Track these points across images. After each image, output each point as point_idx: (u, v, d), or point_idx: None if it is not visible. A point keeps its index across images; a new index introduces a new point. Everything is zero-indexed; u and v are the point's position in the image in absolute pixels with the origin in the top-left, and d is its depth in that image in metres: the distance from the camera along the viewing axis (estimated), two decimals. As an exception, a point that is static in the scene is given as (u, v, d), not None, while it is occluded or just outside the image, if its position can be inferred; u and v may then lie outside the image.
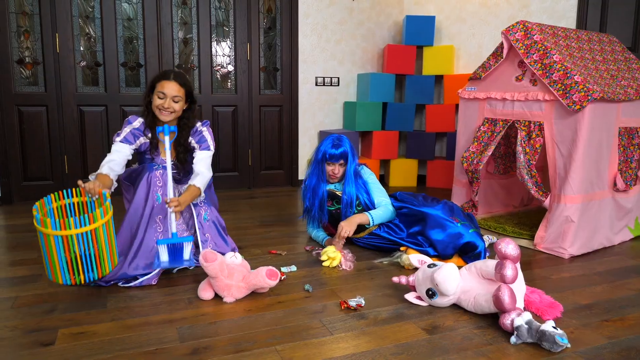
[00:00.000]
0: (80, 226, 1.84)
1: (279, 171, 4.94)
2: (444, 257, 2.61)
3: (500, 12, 4.66)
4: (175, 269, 2.53)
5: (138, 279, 2.31)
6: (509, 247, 2.00)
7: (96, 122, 4.17)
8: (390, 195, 3.01)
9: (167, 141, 2.18)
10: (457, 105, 4.83)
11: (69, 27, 3.97)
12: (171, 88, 2.45)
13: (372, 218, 2.81)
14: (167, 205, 2.24)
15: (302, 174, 4.97)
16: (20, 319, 1.96)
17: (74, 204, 2.12)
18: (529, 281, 2.40)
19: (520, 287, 2.06)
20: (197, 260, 2.55)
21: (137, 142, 2.51)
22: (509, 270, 1.93)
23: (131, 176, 2.54)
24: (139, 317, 2.01)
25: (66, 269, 1.84)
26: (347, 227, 2.75)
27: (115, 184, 2.40)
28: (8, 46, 3.82)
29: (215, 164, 4.63)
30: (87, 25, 4.05)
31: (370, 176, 3.00)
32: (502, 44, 3.05)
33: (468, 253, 2.59)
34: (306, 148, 4.95)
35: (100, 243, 1.90)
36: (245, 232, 3.33)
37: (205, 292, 2.20)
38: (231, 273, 2.20)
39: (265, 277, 2.17)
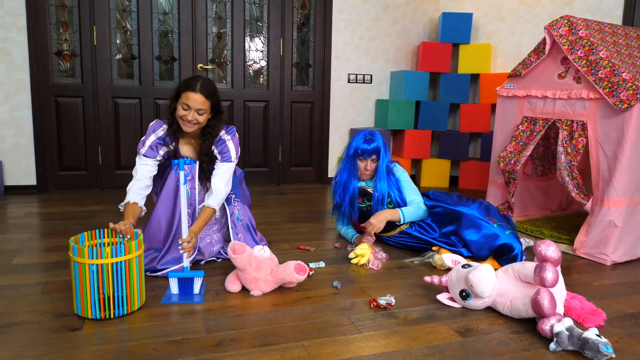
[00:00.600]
0: (116, 256, 1.82)
1: (309, 168, 4.90)
2: (478, 258, 2.52)
3: (541, 10, 4.51)
4: (203, 261, 2.51)
5: (166, 269, 2.31)
6: (550, 249, 1.91)
7: (130, 114, 4.21)
8: (423, 194, 2.93)
9: (181, 176, 2.10)
10: (493, 105, 4.70)
11: (107, 20, 4.02)
12: (196, 100, 2.30)
13: (403, 215, 2.74)
14: (180, 249, 2.17)
15: (332, 172, 4.92)
16: (50, 304, 1.97)
17: (104, 244, 2.08)
18: (568, 287, 2.28)
19: (560, 291, 1.96)
20: (226, 254, 2.54)
21: (160, 152, 2.42)
22: (549, 273, 1.84)
23: (159, 169, 2.52)
24: (165, 306, 1.99)
25: (97, 303, 1.83)
26: (376, 224, 2.68)
27: (144, 209, 2.35)
28: (47, 38, 3.89)
29: (246, 159, 4.63)
30: (124, 18, 4.09)
31: (402, 174, 2.93)
32: (544, 39, 2.94)
33: (504, 255, 2.49)
34: (337, 145, 4.90)
35: (132, 276, 1.89)
36: (274, 227, 3.29)
37: (232, 285, 2.17)
38: (259, 266, 2.17)
39: (293, 272, 2.13)
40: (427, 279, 2.17)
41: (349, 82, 4.86)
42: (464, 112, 4.79)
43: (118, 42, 4.11)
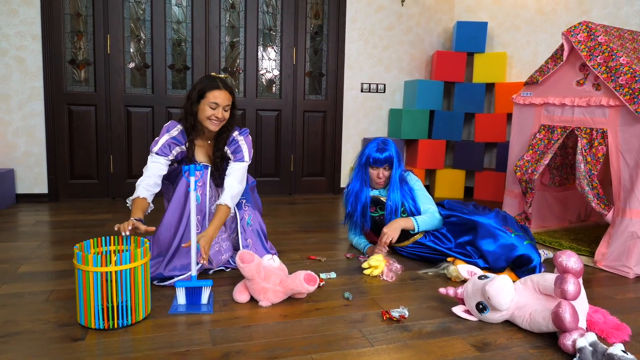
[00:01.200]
0: (121, 264, 1.78)
1: (321, 178, 4.85)
2: (495, 269, 2.44)
3: (557, 20, 4.44)
4: (212, 270, 2.46)
5: (173, 278, 2.26)
6: (571, 260, 1.82)
7: (142, 123, 4.20)
8: (437, 204, 2.86)
9: (192, 182, 2.06)
10: (509, 115, 4.62)
11: (120, 29, 4.03)
12: (223, 97, 2.35)
13: (417, 224, 2.67)
14: (202, 261, 2.16)
15: (344, 182, 4.86)
16: (54, 313, 1.93)
17: (111, 252, 2.04)
18: (590, 301, 2.19)
19: (582, 305, 1.87)
20: (234, 263, 2.49)
21: (173, 152, 2.41)
22: (570, 285, 1.75)
23: (170, 175, 2.49)
24: (172, 316, 1.94)
25: (101, 313, 1.78)
26: (390, 233, 2.62)
27: (152, 206, 2.34)
28: (62, 46, 3.91)
29: (257, 168, 4.59)
30: (138, 27, 4.10)
31: (416, 183, 2.86)
32: (562, 45, 2.87)
33: (522, 267, 2.40)
34: (349, 155, 4.85)
35: (138, 285, 1.84)
36: (285, 236, 3.24)
37: (240, 295, 2.11)
38: (268, 276, 2.11)
39: (303, 282, 2.07)
40: (442, 290, 2.10)
41: (362, 91, 4.82)
42: (479, 121, 4.71)
43: (132, 50, 4.12)
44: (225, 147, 2.49)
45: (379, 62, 4.83)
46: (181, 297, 2.04)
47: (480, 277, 2.02)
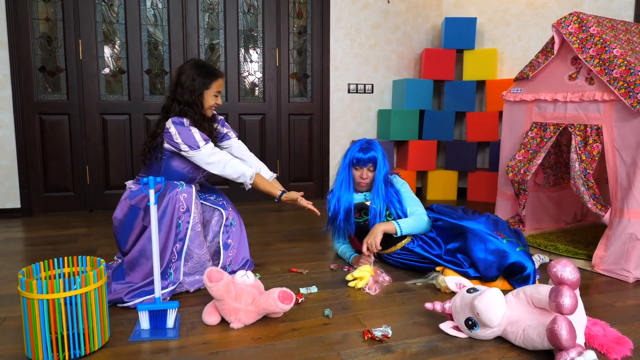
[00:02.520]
0: (70, 289, 1.61)
1: (309, 183, 4.69)
2: (486, 279, 2.28)
3: (548, 13, 4.30)
4: (193, 289, 2.28)
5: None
6: (566, 270, 1.67)
7: (119, 131, 4.03)
8: (426, 208, 2.70)
9: (152, 195, 1.90)
10: (500, 113, 4.47)
11: (93, 33, 3.87)
12: (221, 84, 2.43)
13: (399, 227, 2.50)
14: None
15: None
16: (2, 344, 1.76)
17: (64, 274, 1.87)
18: (588, 310, 2.04)
19: (580, 318, 1.71)
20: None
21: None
22: (566, 299, 1.59)
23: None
24: (133, 344, 1.77)
25: (49, 346, 1.60)
26: (371, 241, 2.46)
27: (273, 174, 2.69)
28: (31, 53, 3.74)
29: (242, 175, 4.42)
30: (111, 31, 3.94)
31: (403, 185, 2.70)
32: (552, 38, 2.71)
33: (515, 275, 2.24)
34: (337, 159, 4.68)
35: (91, 312, 1.66)
36: (268, 247, 3.07)
37: (210, 316, 1.95)
38: (239, 295, 1.94)
39: (277, 301, 1.90)
40: (429, 305, 1.93)
41: (349, 92, 4.66)
42: (471, 120, 4.55)
43: (106, 55, 3.95)
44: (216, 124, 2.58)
45: (366, 62, 4.68)
46: (144, 322, 1.87)
47: (469, 291, 1.85)
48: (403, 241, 2.57)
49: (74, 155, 3.95)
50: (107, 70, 3.97)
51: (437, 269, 2.44)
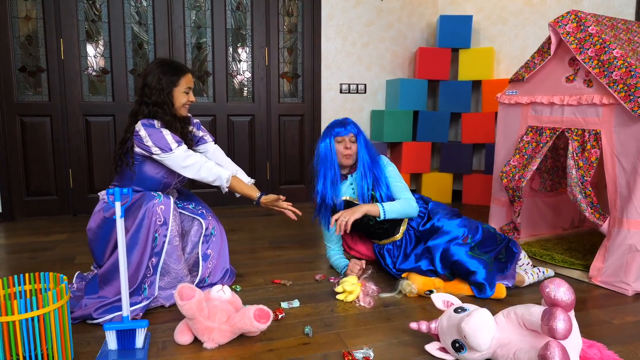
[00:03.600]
0: (26, 311, 1.49)
1: (300, 186, 4.56)
2: (444, 279, 2.34)
3: (547, 11, 4.16)
4: (168, 304, 2.17)
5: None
6: (560, 290, 1.55)
7: (103, 133, 3.91)
8: (419, 199, 2.58)
9: (118, 208, 1.77)
10: (497, 114, 4.34)
11: (75, 32, 3.74)
12: (191, 80, 2.29)
13: (383, 210, 2.34)
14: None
15: (325, 189, 4.58)
16: (-44, 367, 1.64)
17: (25, 292, 1.75)
18: (584, 327, 1.92)
19: (574, 342, 1.59)
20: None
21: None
22: (560, 322, 1.47)
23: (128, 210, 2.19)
24: (96, 367, 1.66)
25: None
26: (345, 214, 2.28)
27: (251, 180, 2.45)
28: (10, 53, 3.61)
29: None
30: (94, 30, 3.81)
31: (388, 165, 2.54)
32: (549, 38, 2.59)
33: (465, 277, 2.29)
34: (330, 161, 4.56)
35: (51, 336, 1.54)
36: (253, 255, 2.96)
37: (182, 336, 1.83)
38: (213, 313, 1.83)
39: (252, 320, 1.78)
40: (414, 325, 1.81)
41: (341, 92, 4.53)
42: (466, 121, 4.43)
43: (88, 55, 3.82)
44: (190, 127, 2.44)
45: (359, 61, 4.55)
46: (111, 342, 1.75)
47: (456, 310, 1.73)
48: (396, 236, 2.48)
49: (56, 158, 3.83)
50: (90, 71, 3.84)
51: (403, 275, 2.37)
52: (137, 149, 2.16)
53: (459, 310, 1.72)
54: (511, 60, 4.40)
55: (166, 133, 2.15)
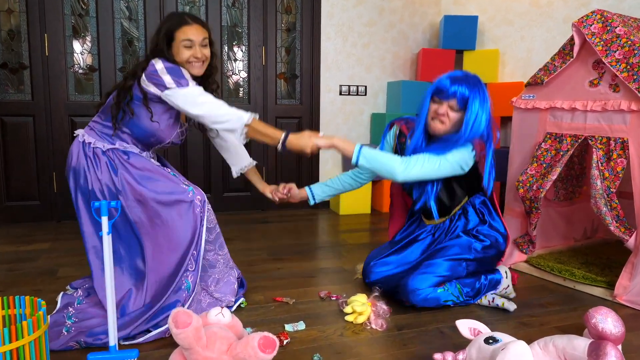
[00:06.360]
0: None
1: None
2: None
3: (554, 13, 4.01)
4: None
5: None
6: (608, 321, 1.38)
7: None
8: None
9: (104, 224, 1.57)
10: (502, 118, 4.18)
11: (60, 27, 3.51)
12: (195, 32, 1.92)
13: (358, 153, 1.99)
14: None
15: (323, 195, 4.39)
16: None
17: None
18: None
19: (622, 379, 1.42)
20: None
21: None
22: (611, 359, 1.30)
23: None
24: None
25: None
26: (320, 142, 1.97)
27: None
28: (-10, 48, 3.38)
29: (225, 182, 4.09)
30: (81, 25, 3.58)
31: (463, 151, 2.10)
32: (571, 39, 2.42)
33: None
34: (328, 166, 4.37)
35: None
36: (251, 268, 2.76)
37: (177, 367, 1.63)
38: (212, 341, 1.62)
39: (257, 350, 1.58)
40: (438, 357, 1.62)
41: (340, 94, 4.35)
42: (470, 126, 4.26)
43: (75, 52, 3.59)
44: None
45: (359, 62, 4.37)
46: (97, 374, 1.55)
47: (487, 341, 1.55)
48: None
49: (39, 160, 3.59)
50: (76, 68, 3.61)
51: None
52: (143, 85, 1.89)
53: (491, 341, 1.54)
54: (516, 63, 4.24)
55: (185, 71, 1.90)
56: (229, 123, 1.87)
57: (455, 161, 2.08)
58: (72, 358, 1.71)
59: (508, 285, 2.31)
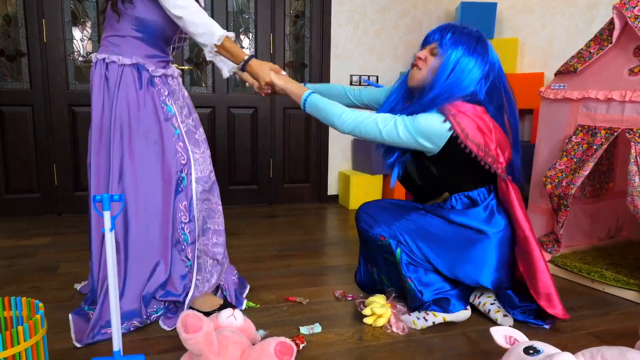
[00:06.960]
0: None
1: (305, 185, 4.22)
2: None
3: (576, 1, 3.84)
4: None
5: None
6: (669, 333, 1.22)
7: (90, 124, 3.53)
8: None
9: (107, 219, 1.40)
10: (522, 111, 4.02)
11: (59, 12, 3.35)
12: None
13: (306, 97, 1.86)
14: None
15: (332, 189, 4.24)
16: None
17: None
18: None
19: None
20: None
21: None
22: (674, 377, 1.15)
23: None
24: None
25: None
26: (274, 80, 1.87)
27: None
28: (-13, 34, 3.23)
29: (230, 175, 3.95)
30: (80, 10, 3.42)
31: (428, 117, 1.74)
32: (610, 23, 2.25)
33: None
34: (337, 160, 4.22)
35: None
36: (260, 265, 2.62)
37: (184, 376, 1.49)
38: (224, 347, 1.48)
39: (274, 357, 1.44)
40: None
41: (351, 84, 4.19)
42: (486, 118, 4.10)
43: (74, 38, 3.44)
44: None
45: (371, 50, 4.20)
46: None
47: (527, 351, 1.40)
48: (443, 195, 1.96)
49: (39, 152, 3.45)
50: (76, 56, 3.46)
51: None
52: None
53: (531, 352, 1.39)
54: (536, 53, 4.07)
55: None
56: (202, 37, 1.80)
57: (413, 128, 1.72)
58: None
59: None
